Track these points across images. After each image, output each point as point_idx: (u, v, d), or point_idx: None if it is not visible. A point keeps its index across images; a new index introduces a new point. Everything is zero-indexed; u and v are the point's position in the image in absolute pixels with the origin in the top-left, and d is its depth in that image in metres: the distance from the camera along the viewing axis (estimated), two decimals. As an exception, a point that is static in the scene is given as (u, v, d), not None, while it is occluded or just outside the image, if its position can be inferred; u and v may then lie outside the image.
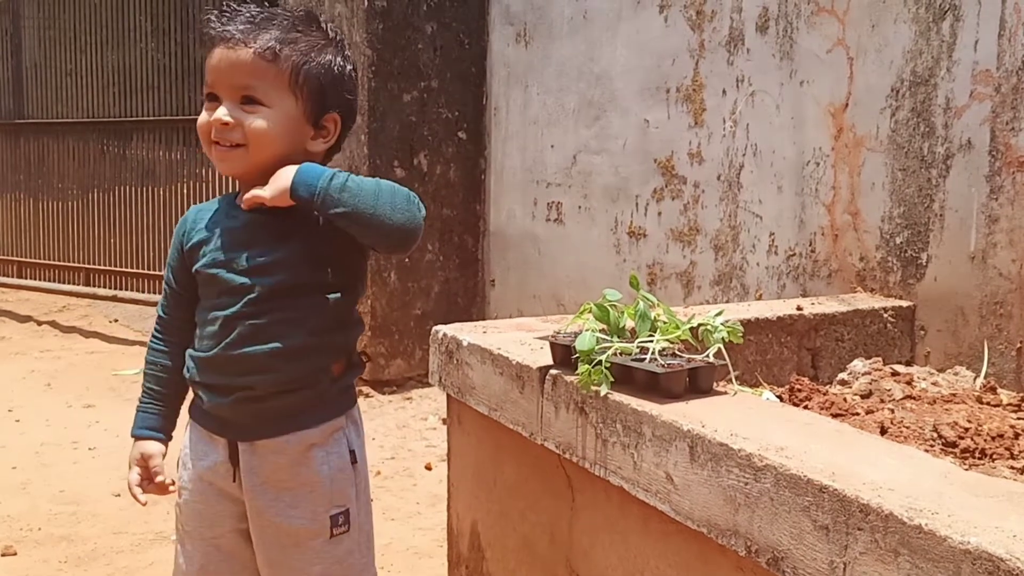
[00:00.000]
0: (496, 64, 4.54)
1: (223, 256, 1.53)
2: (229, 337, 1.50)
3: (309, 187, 1.43)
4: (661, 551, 1.44)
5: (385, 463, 3.50)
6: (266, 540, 1.57)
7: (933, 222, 2.56)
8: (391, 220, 1.43)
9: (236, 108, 1.49)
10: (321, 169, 1.46)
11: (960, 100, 2.49)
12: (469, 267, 4.71)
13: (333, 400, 1.58)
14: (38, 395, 4.42)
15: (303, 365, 1.52)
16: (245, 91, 1.49)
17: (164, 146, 5.98)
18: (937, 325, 2.55)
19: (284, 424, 1.53)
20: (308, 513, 1.55)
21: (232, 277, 1.51)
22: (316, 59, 1.53)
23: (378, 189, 1.44)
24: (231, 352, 1.50)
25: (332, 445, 1.56)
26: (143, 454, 1.61)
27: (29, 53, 6.63)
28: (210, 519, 1.59)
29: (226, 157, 1.50)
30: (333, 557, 1.58)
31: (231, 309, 1.50)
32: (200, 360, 1.55)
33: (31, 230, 6.70)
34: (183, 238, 1.60)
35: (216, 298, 1.53)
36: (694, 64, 3.43)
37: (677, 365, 1.47)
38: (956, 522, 0.97)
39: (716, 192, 3.36)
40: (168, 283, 1.63)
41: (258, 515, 1.56)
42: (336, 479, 1.56)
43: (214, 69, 1.51)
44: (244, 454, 1.54)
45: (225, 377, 1.52)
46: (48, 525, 2.88)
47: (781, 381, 2.22)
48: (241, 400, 1.51)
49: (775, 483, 1.15)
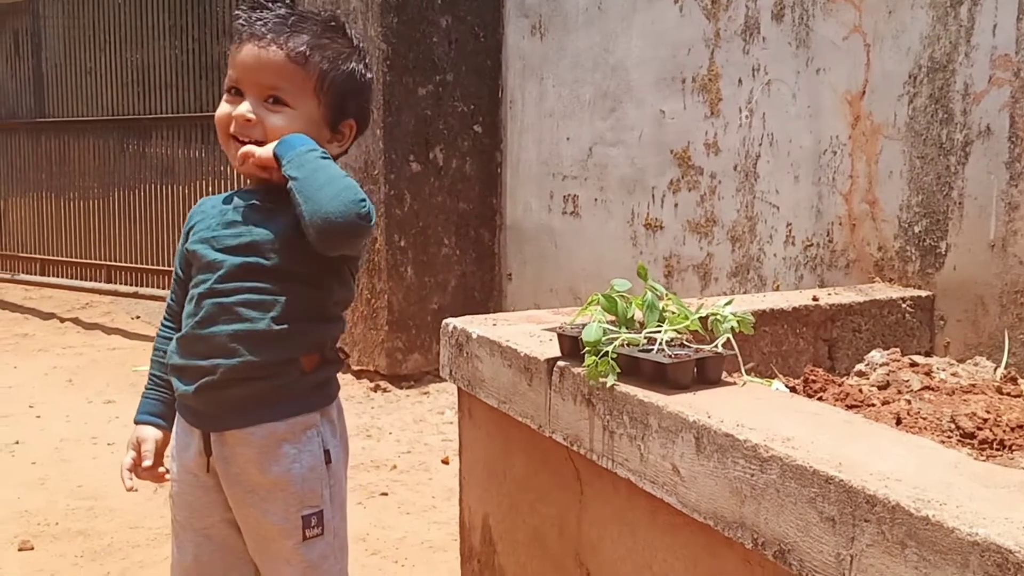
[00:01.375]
0: (511, 57, 4.52)
1: (208, 233, 1.54)
2: (198, 315, 1.50)
3: (289, 145, 1.46)
4: (669, 544, 1.42)
5: (401, 457, 3.49)
6: (248, 531, 1.57)
7: (952, 210, 2.51)
8: (326, 206, 1.40)
9: (260, 106, 1.52)
10: (310, 141, 1.48)
11: (979, 86, 2.44)
12: (485, 261, 4.69)
13: (303, 395, 1.53)
14: (59, 391, 4.45)
15: (267, 352, 1.48)
16: (272, 91, 1.52)
17: (183, 143, 6.01)
18: (956, 315, 2.51)
19: (248, 415, 1.49)
20: (280, 511, 1.51)
21: (207, 252, 1.52)
22: (342, 67, 1.56)
23: (337, 177, 1.43)
24: (199, 331, 1.49)
25: (304, 443, 1.52)
26: (138, 438, 1.61)
27: (49, 52, 6.68)
28: (199, 510, 1.59)
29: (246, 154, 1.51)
30: (307, 561, 1.54)
31: (203, 286, 1.50)
32: (178, 340, 1.55)
33: (53, 228, 6.75)
34: (188, 224, 1.62)
35: (196, 275, 1.54)
36: (710, 54, 3.40)
37: (684, 355, 1.45)
38: (964, 513, 0.95)
39: (733, 183, 3.33)
40: (176, 270, 1.65)
41: (236, 505, 1.55)
42: (308, 478, 1.52)
43: (242, 65, 1.52)
44: (215, 445, 1.52)
45: (192, 358, 1.50)
46: (65, 520, 2.90)
47: (797, 372, 2.19)
48: (204, 387, 1.49)
49: (781, 474, 1.13)
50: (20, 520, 2.89)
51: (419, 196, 4.46)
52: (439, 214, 4.53)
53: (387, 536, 2.80)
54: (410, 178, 4.42)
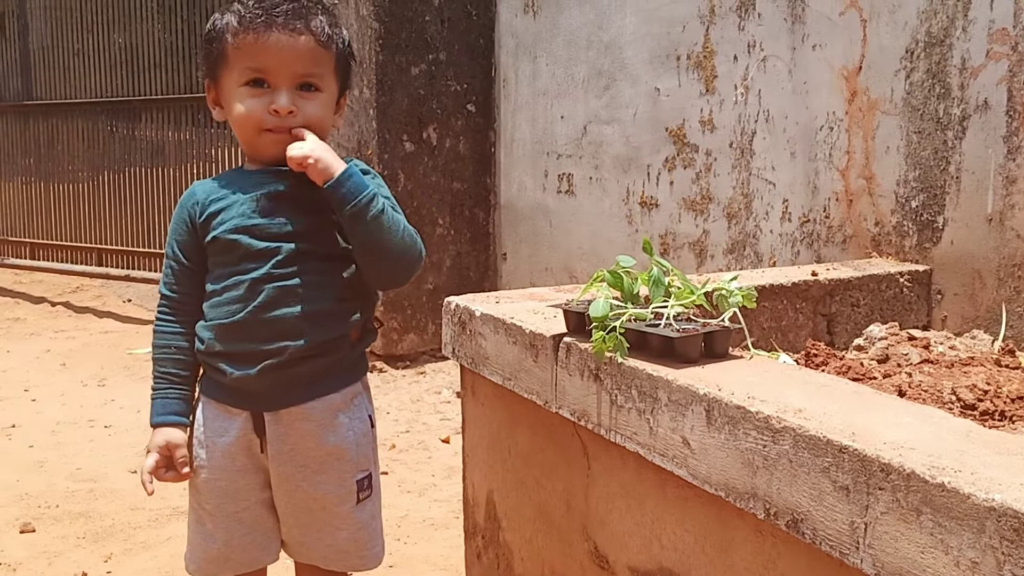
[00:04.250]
0: (504, 35, 4.50)
1: (247, 222, 1.53)
2: (257, 300, 1.50)
3: (351, 194, 1.47)
4: (679, 516, 1.44)
5: (400, 436, 3.50)
6: (293, 506, 1.59)
7: (949, 185, 2.52)
8: (398, 263, 1.53)
9: (294, 94, 1.51)
10: (365, 183, 1.49)
11: (976, 60, 2.45)
12: (480, 241, 4.69)
13: (352, 366, 1.61)
14: (53, 375, 4.44)
15: (329, 329, 1.54)
16: (305, 78, 1.52)
17: (173, 125, 5.98)
18: (954, 289, 2.52)
19: (311, 390, 1.55)
20: (335, 479, 1.58)
21: (254, 242, 1.52)
22: (346, 40, 1.59)
23: (404, 232, 1.50)
24: (261, 316, 1.50)
25: (354, 410, 1.60)
26: (169, 442, 1.57)
27: (36, 34, 6.61)
28: (233, 494, 1.59)
29: (283, 142, 1.50)
30: (359, 522, 1.62)
31: (258, 272, 1.51)
32: (222, 328, 1.53)
33: (43, 212, 6.71)
34: (192, 211, 1.58)
35: (237, 264, 1.52)
36: (704, 30, 3.39)
37: (692, 329, 1.45)
38: (979, 479, 0.96)
39: (728, 160, 3.33)
40: (174, 258, 1.60)
41: (285, 481, 1.57)
42: (360, 444, 1.60)
43: (272, 54, 1.50)
44: (270, 424, 1.54)
45: (251, 343, 1.51)
46: (66, 502, 2.89)
47: (797, 347, 2.20)
48: (269, 368, 1.51)
49: (794, 445, 1.14)
50: (20, 503, 2.89)
51: (413, 176, 4.45)
52: (433, 194, 4.52)
53: (388, 515, 2.79)
54: (403, 158, 4.41)
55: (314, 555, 1.63)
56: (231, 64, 1.52)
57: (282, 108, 1.49)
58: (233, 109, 1.54)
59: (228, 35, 1.52)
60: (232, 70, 1.52)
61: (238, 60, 1.51)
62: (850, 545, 1.06)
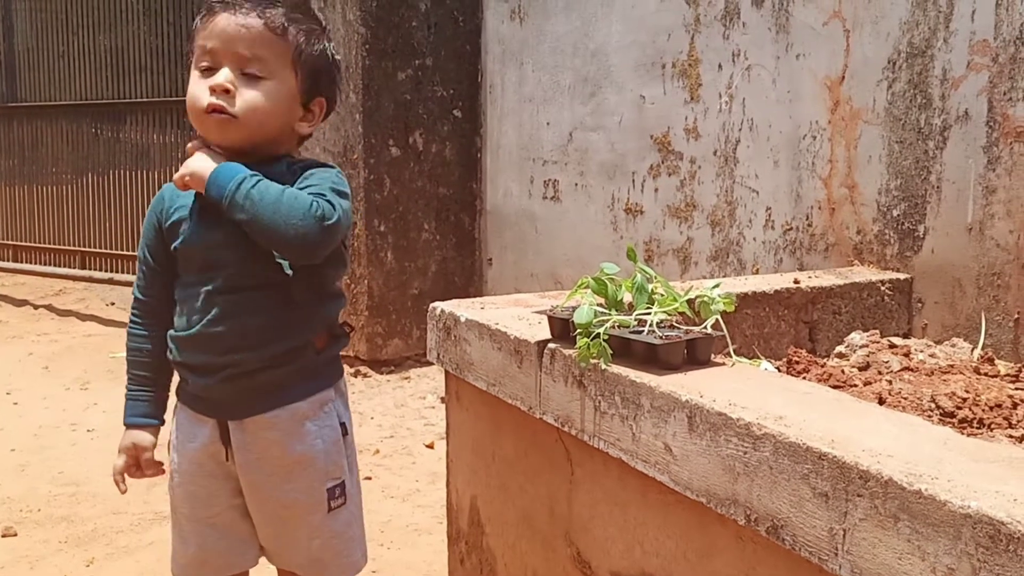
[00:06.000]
0: (491, 41, 4.51)
1: (202, 231, 1.51)
2: (211, 313, 1.49)
3: (219, 188, 1.43)
4: (661, 522, 1.45)
5: (384, 442, 3.50)
6: (265, 514, 1.58)
7: (930, 194, 2.55)
8: (286, 232, 1.40)
9: (238, 78, 1.47)
10: (235, 171, 1.43)
11: (957, 71, 2.48)
12: (466, 246, 4.70)
13: (319, 372, 1.59)
14: (36, 378, 4.42)
15: (287, 338, 1.52)
16: (250, 61, 1.47)
17: (158, 128, 5.96)
18: (934, 297, 2.55)
19: (273, 399, 1.53)
20: (304, 487, 1.56)
21: (210, 251, 1.50)
22: (315, 43, 1.55)
23: (278, 201, 1.41)
24: (214, 328, 1.49)
25: (323, 418, 1.57)
26: (135, 444, 1.60)
27: (21, 36, 6.58)
28: (204, 499, 1.59)
29: (224, 125, 1.47)
30: (332, 531, 1.60)
31: (212, 284, 1.49)
32: (181, 339, 1.54)
33: (26, 214, 6.68)
34: (160, 215, 1.57)
35: (197, 273, 1.52)
36: (690, 39, 3.42)
37: (675, 336, 1.47)
38: (956, 487, 0.97)
39: (712, 167, 3.35)
40: (144, 262, 1.60)
41: (255, 490, 1.57)
42: (330, 452, 1.58)
43: (219, 36, 1.47)
44: (235, 432, 1.54)
45: (208, 355, 1.51)
46: (48, 506, 2.88)
47: (779, 354, 2.22)
48: (228, 378, 1.50)
49: (774, 451, 1.15)
50: (2, 507, 2.87)
51: (399, 181, 4.45)
52: (419, 199, 4.52)
53: (372, 520, 2.80)
54: (390, 163, 4.41)
55: (291, 563, 1.62)
56: (192, 51, 1.52)
57: (216, 84, 1.45)
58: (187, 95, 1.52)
59: (194, 27, 1.52)
60: (192, 58, 1.52)
61: (196, 46, 1.50)
62: (829, 551, 1.07)
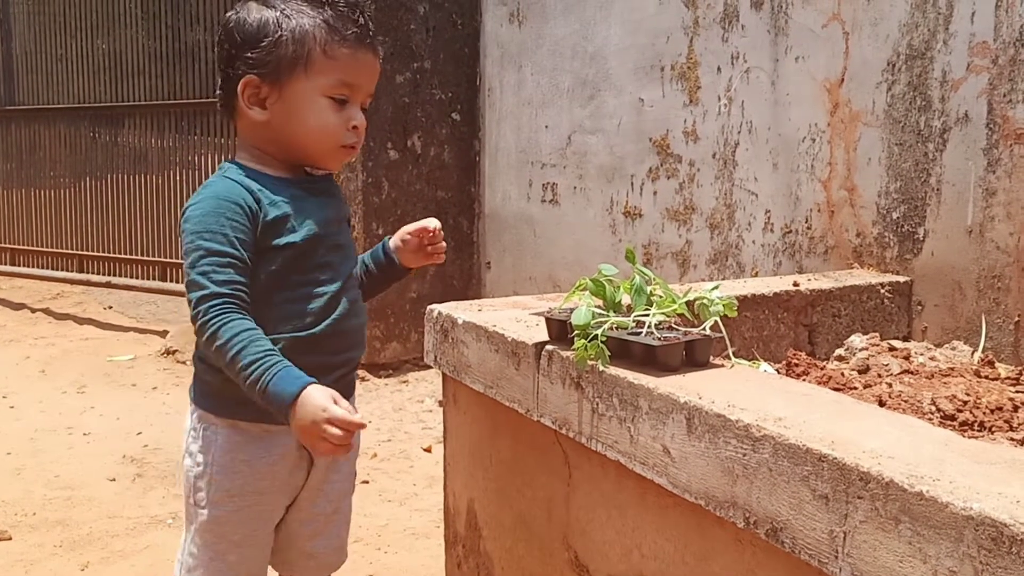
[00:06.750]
0: (489, 44, 4.50)
1: (321, 231, 1.51)
2: (336, 312, 1.53)
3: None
4: (659, 525, 1.43)
5: (382, 445, 3.49)
6: (315, 514, 1.64)
7: (930, 196, 2.54)
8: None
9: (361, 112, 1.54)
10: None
11: (957, 73, 2.47)
12: (464, 249, 4.68)
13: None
14: (33, 382, 4.40)
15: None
16: (371, 97, 1.56)
17: (156, 132, 5.94)
18: (934, 300, 2.54)
19: (351, 393, 1.62)
20: (348, 473, 1.69)
21: (329, 253, 1.54)
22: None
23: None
24: (338, 327, 1.53)
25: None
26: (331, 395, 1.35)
27: (19, 39, 6.57)
28: (267, 517, 1.59)
29: (351, 157, 1.58)
30: (350, 505, 1.73)
31: (335, 284, 1.53)
32: (297, 341, 1.47)
33: (24, 217, 6.66)
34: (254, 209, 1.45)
35: (310, 273, 1.50)
36: (688, 41, 3.41)
37: (673, 338, 1.45)
38: (958, 488, 0.96)
39: (711, 170, 3.34)
40: (238, 258, 1.42)
41: (316, 492, 1.62)
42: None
43: (363, 74, 1.51)
44: None
45: (326, 356, 1.52)
46: (43, 510, 2.87)
47: (778, 357, 2.21)
48: (340, 377, 1.55)
49: (774, 453, 1.14)
50: (-4, 511, 2.86)
51: (397, 184, 4.44)
52: (417, 202, 4.51)
53: (369, 523, 2.79)
54: (388, 166, 4.40)
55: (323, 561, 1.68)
56: (316, 71, 1.45)
57: (361, 125, 1.52)
58: (307, 118, 1.47)
59: (314, 41, 1.44)
60: (315, 78, 1.45)
61: (330, 71, 1.45)
62: (829, 554, 1.06)
